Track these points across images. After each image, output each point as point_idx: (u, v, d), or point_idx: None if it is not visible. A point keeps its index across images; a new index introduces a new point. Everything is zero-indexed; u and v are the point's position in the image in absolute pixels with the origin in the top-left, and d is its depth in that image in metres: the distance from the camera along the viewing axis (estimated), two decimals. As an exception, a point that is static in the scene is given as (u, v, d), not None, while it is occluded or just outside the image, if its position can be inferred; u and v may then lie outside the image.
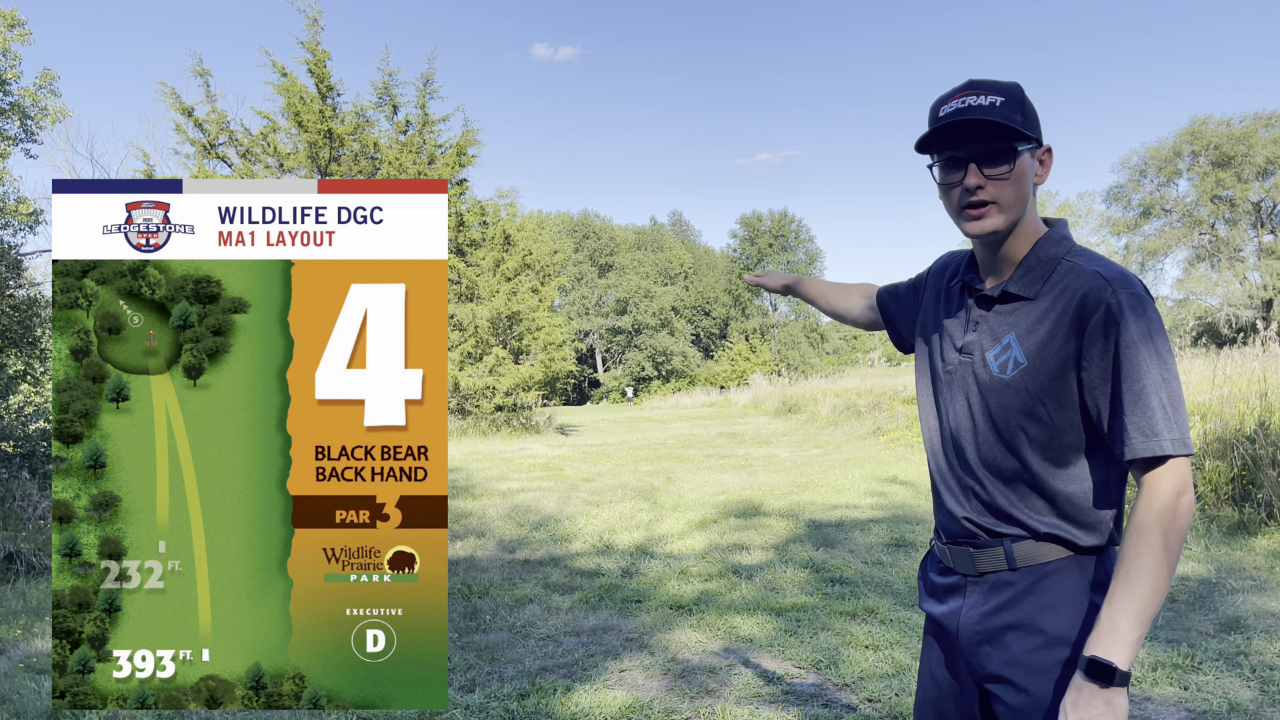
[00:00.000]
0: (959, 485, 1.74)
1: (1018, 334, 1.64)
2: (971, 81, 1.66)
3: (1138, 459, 1.51)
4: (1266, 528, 6.17)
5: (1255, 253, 52.42)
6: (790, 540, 7.22)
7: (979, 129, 1.60)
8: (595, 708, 3.88)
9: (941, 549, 1.79)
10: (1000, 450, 1.66)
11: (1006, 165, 1.60)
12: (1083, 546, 1.62)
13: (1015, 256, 1.69)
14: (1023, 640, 1.64)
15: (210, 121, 21.66)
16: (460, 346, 21.32)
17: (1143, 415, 1.50)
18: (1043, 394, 1.60)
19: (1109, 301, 1.54)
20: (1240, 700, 3.68)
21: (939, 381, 1.81)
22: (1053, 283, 1.63)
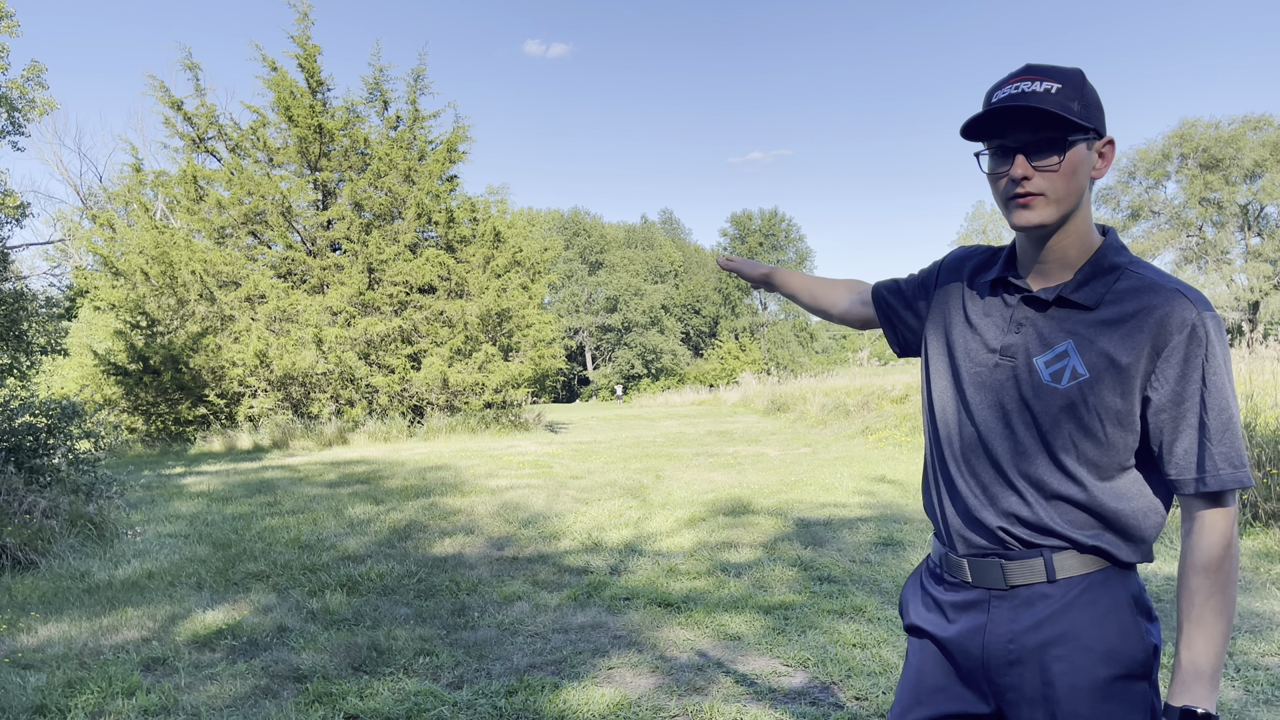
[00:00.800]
0: (986, 494, 1.62)
1: (1077, 343, 1.54)
2: (1029, 66, 1.56)
3: (1223, 489, 1.46)
4: (1252, 529, 6.21)
5: (1242, 255, 52.72)
6: (779, 539, 7.24)
7: (1030, 116, 1.51)
8: (583, 705, 3.88)
9: (956, 561, 1.66)
10: (1044, 462, 1.56)
11: (1056, 156, 1.51)
12: (1122, 561, 1.56)
13: (1066, 256, 1.59)
14: (1067, 659, 1.53)
15: (199, 115, 21.57)
16: (449, 343, 21.27)
17: (1231, 446, 1.46)
18: (1102, 409, 1.51)
19: (1194, 324, 1.46)
20: (1225, 700, 3.70)
21: (963, 382, 1.68)
22: (1119, 292, 1.54)
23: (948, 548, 1.71)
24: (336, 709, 3.91)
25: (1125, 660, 1.52)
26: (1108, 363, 1.51)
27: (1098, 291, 1.56)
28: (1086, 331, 1.54)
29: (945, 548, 1.72)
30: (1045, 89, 1.51)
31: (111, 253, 20.54)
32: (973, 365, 1.67)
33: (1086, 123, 1.52)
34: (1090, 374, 1.52)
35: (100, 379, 20.19)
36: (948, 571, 1.71)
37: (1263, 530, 6.14)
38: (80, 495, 8.11)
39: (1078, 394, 1.53)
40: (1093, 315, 1.55)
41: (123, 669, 4.46)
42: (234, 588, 6.15)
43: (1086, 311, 1.56)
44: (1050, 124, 1.51)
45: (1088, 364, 1.53)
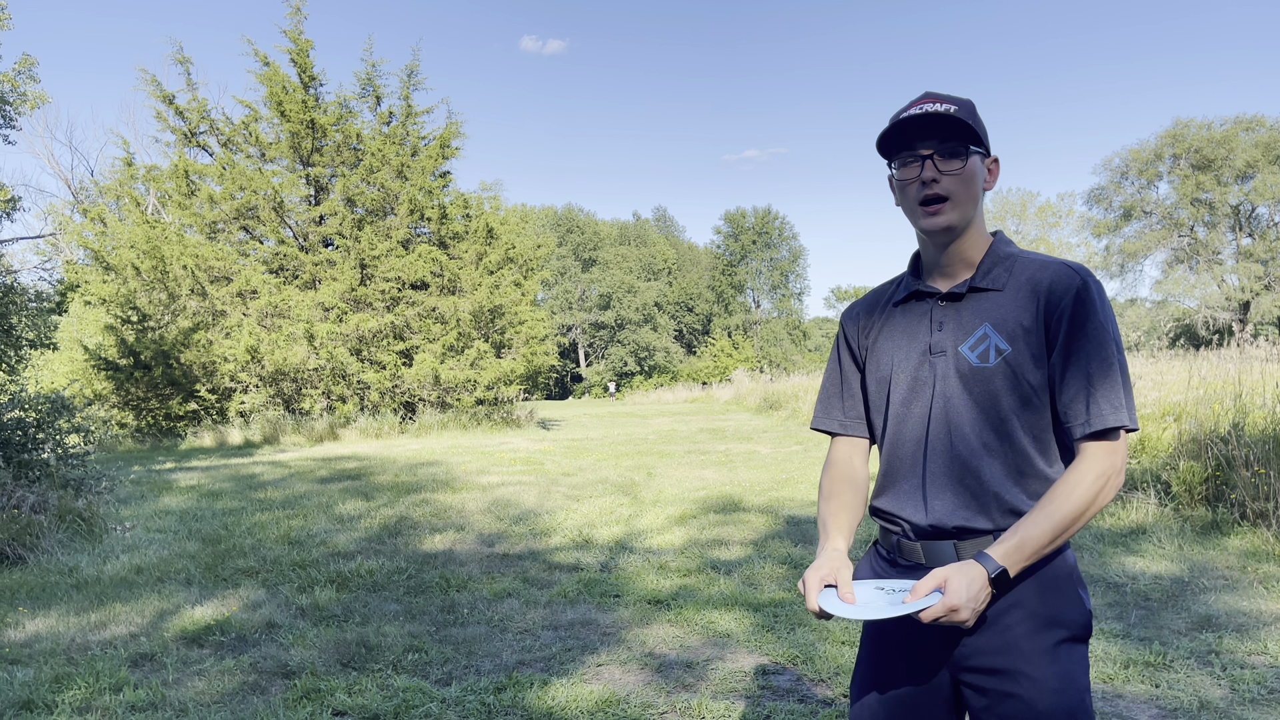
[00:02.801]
0: (942, 480, 1.74)
1: (993, 323, 1.72)
2: (929, 93, 1.78)
3: (1105, 428, 1.62)
4: (1239, 528, 6.23)
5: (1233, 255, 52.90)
6: (769, 536, 7.24)
7: (937, 127, 1.71)
8: (571, 702, 3.88)
9: (910, 546, 1.78)
10: (992, 436, 1.70)
11: (960, 161, 1.71)
12: None
13: (968, 256, 1.78)
14: (1022, 624, 1.67)
15: (191, 110, 21.49)
16: (442, 339, 21.23)
17: (1112, 389, 1.62)
18: (1028, 374, 1.68)
19: (1078, 287, 1.66)
20: (1211, 698, 3.71)
21: (902, 388, 1.81)
22: (1017, 274, 1.74)
23: (900, 535, 1.83)
24: (324, 705, 3.90)
25: (1069, 624, 1.69)
26: (1021, 330, 1.69)
27: (1001, 276, 1.75)
28: (998, 311, 1.73)
29: (898, 535, 1.83)
30: (946, 109, 1.72)
31: (102, 247, 20.45)
32: (907, 372, 1.82)
33: (982, 138, 1.75)
34: (1010, 346, 1.70)
35: (90, 374, 20.10)
36: (901, 556, 1.82)
37: (1250, 529, 6.16)
38: (69, 490, 8.08)
39: (1005, 367, 1.70)
40: (1000, 296, 1.74)
41: (110, 665, 4.45)
42: (223, 584, 6.14)
43: (995, 293, 1.75)
44: (955, 133, 1.72)
45: (1006, 338, 1.70)
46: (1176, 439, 7.16)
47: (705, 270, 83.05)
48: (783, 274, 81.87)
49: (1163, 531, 6.44)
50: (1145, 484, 7.26)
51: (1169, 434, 7.51)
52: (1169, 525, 6.58)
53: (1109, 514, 7.11)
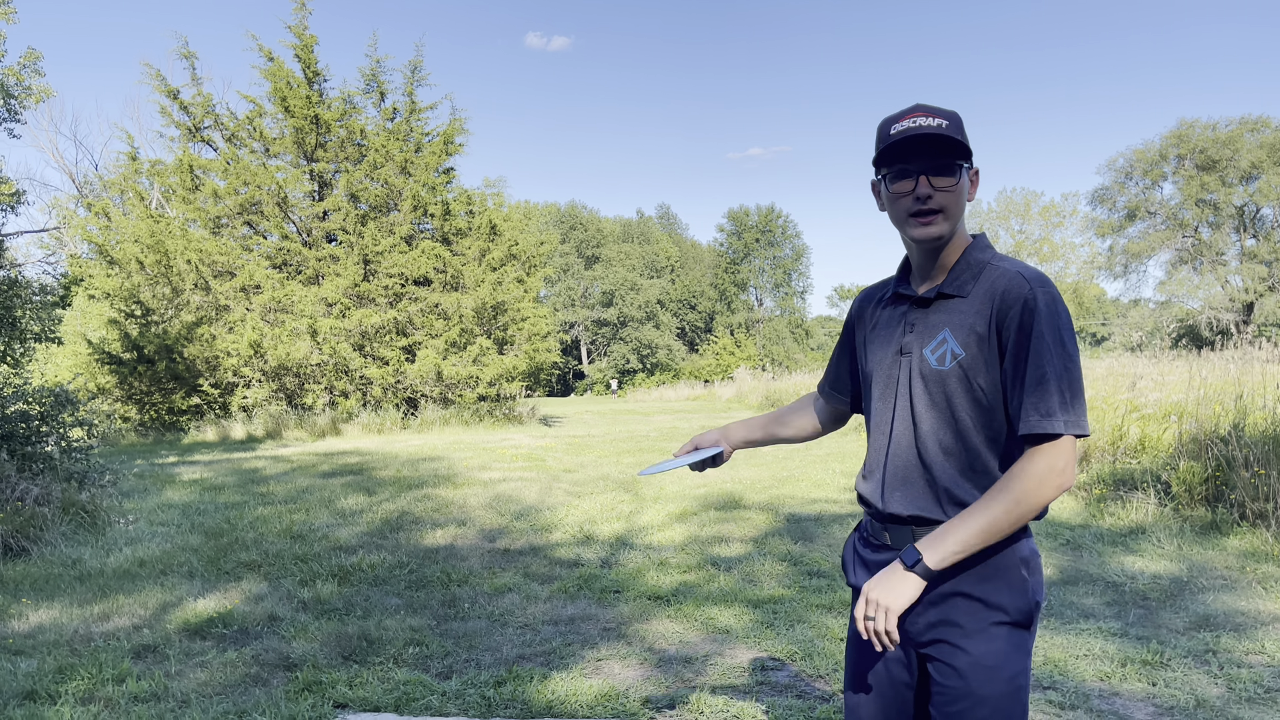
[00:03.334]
0: (904, 473, 1.89)
1: (951, 329, 1.82)
2: (919, 105, 1.84)
3: (1032, 434, 1.70)
4: (1238, 528, 6.25)
5: (1237, 256, 52.83)
6: (769, 533, 7.26)
7: (932, 144, 1.78)
8: (571, 695, 3.90)
9: (879, 528, 1.94)
10: (947, 435, 1.82)
11: (953, 178, 1.80)
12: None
13: (947, 262, 1.89)
14: (963, 605, 1.80)
15: (196, 105, 21.50)
16: (444, 335, 21.25)
17: (1041, 398, 1.70)
18: (980, 378, 1.79)
19: (1026, 297, 1.74)
20: (1207, 697, 3.73)
21: (879, 384, 1.96)
22: (981, 282, 1.83)
23: (871, 517, 1.99)
24: (326, 697, 3.93)
25: (1012, 610, 1.80)
26: (975, 337, 1.79)
27: (966, 283, 1.85)
28: (958, 317, 1.83)
29: (869, 517, 2.01)
30: (938, 124, 1.79)
31: (106, 241, 20.48)
32: (883, 370, 1.96)
33: (969, 152, 1.83)
34: (965, 351, 1.80)
35: (94, 368, 20.15)
36: (873, 536, 1.99)
37: (1249, 530, 6.18)
38: (73, 483, 8.12)
39: (959, 371, 1.81)
40: (965, 303, 1.84)
41: (113, 656, 4.47)
42: (225, 577, 6.17)
43: (959, 300, 1.85)
44: (949, 151, 1.80)
45: (962, 343, 1.81)
46: (1177, 439, 7.17)
47: (708, 268, 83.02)
48: (786, 272, 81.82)
49: (1162, 531, 6.46)
50: (1145, 484, 7.27)
51: (1169, 434, 7.52)
52: (1169, 525, 6.60)
53: (1109, 514, 7.13)
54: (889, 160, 1.84)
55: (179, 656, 4.51)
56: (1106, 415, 8.52)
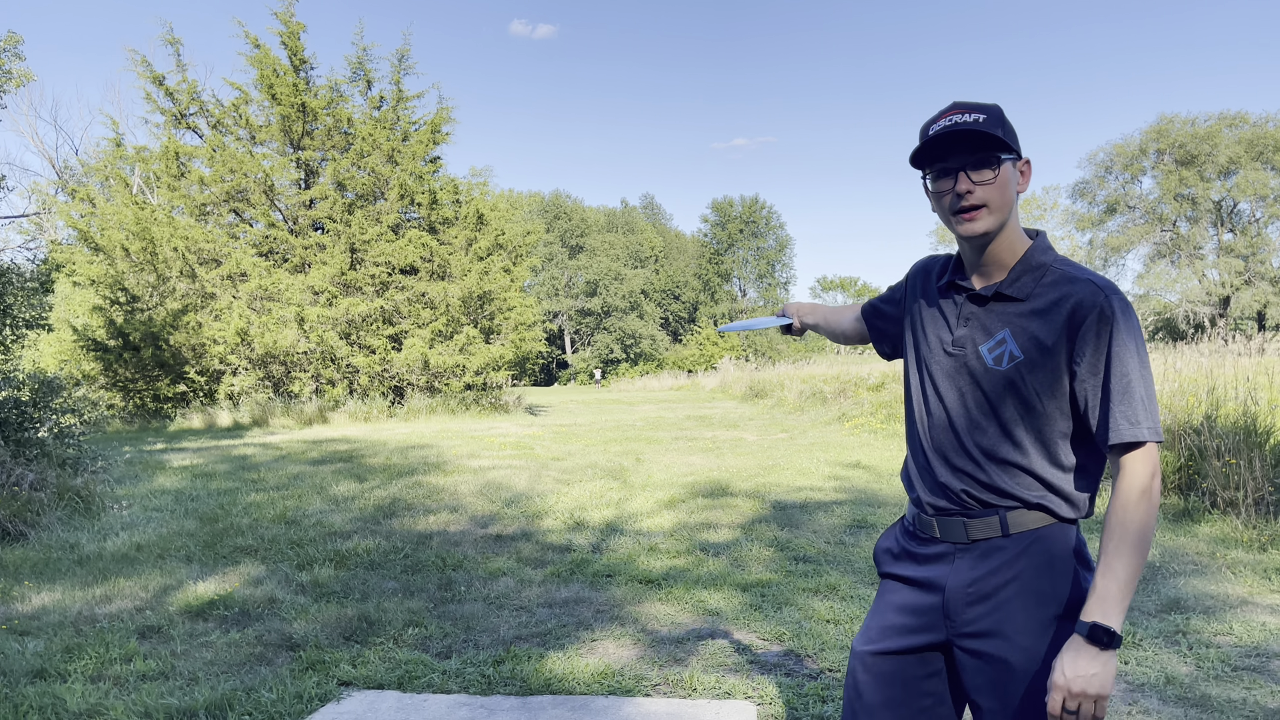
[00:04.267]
0: (952, 464, 1.89)
1: (1012, 330, 1.82)
2: (956, 103, 1.85)
3: (1122, 443, 1.71)
4: (1210, 515, 6.45)
5: (1214, 251, 53.43)
6: (756, 520, 7.42)
7: (967, 140, 1.79)
8: (569, 674, 4.04)
9: (926, 520, 1.94)
10: (996, 434, 1.83)
11: (992, 171, 1.79)
12: (1064, 517, 1.83)
13: (1003, 259, 1.86)
14: (1018, 599, 1.80)
15: (181, 91, 21.44)
16: (431, 324, 21.32)
17: (1129, 405, 1.71)
18: (1036, 384, 1.78)
19: (1103, 306, 1.73)
20: (1177, 674, 3.91)
21: (929, 372, 1.96)
22: (1044, 285, 1.81)
23: (919, 510, 1.99)
24: (330, 675, 4.05)
25: (1064, 601, 1.80)
26: (1037, 344, 1.79)
27: (1027, 285, 1.84)
28: (1020, 320, 1.82)
29: (917, 510, 2.00)
30: (975, 119, 1.79)
31: (90, 227, 20.41)
32: (933, 357, 1.96)
33: (1012, 145, 1.81)
34: (1024, 355, 1.80)
35: (79, 355, 20.11)
36: (920, 529, 1.99)
37: (1220, 517, 6.39)
38: (67, 469, 8.19)
39: (1015, 373, 1.81)
40: (1024, 305, 1.83)
41: (119, 636, 4.58)
42: (223, 561, 6.27)
43: (1019, 303, 1.84)
44: (985, 145, 1.79)
45: (1021, 347, 1.80)
46: (1152, 430, 7.38)
47: (692, 258, 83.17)
48: (769, 263, 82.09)
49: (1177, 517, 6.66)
50: (1121, 473, 7.48)
51: (1145, 425, 7.73)
52: (1143, 513, 6.80)
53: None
54: (928, 160, 1.85)
55: (183, 637, 4.62)
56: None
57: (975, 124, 1.78)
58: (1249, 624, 4.53)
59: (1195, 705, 3.59)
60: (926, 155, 1.84)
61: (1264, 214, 51.63)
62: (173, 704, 3.70)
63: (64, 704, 3.71)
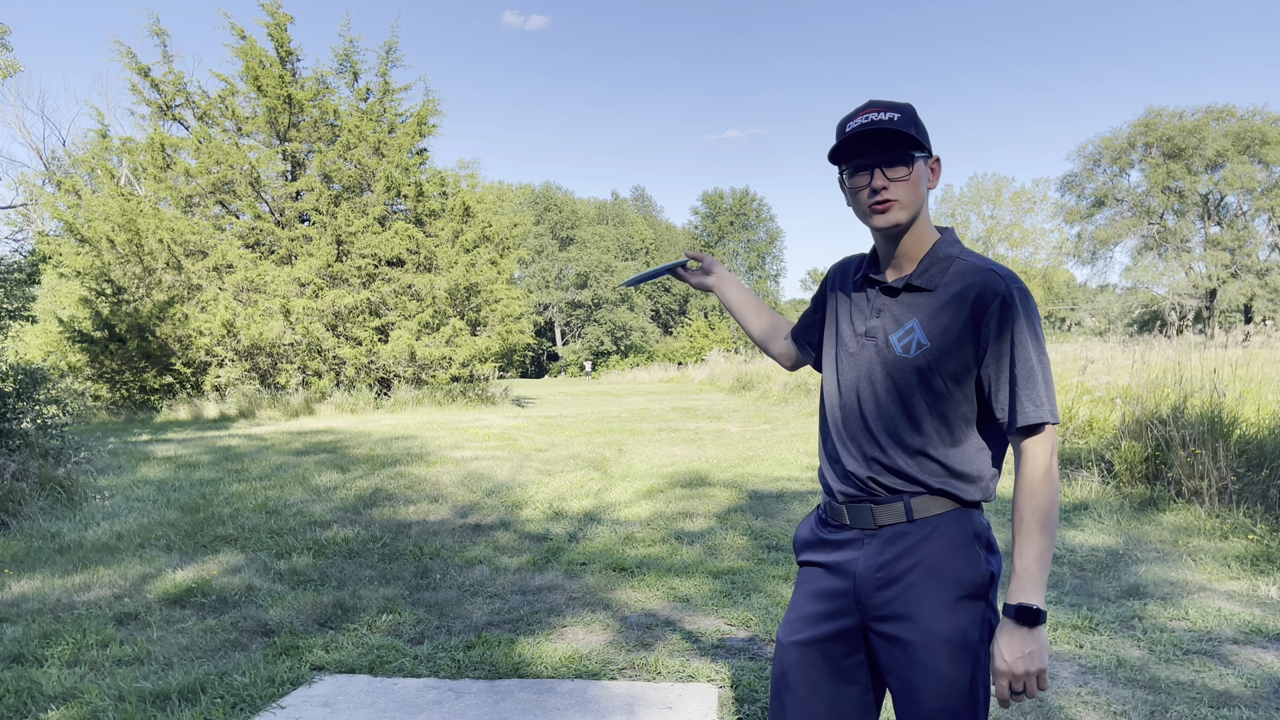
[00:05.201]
0: (860, 452, 1.96)
1: (920, 319, 1.90)
2: (872, 101, 1.92)
3: (1028, 424, 1.81)
4: (1174, 504, 6.57)
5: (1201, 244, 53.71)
6: (732, 509, 7.52)
7: (882, 138, 1.86)
8: (537, 658, 4.13)
9: (837, 508, 2.01)
10: (903, 421, 1.90)
11: (906, 168, 1.87)
12: (966, 501, 1.91)
13: (914, 253, 1.95)
14: (923, 582, 1.87)
15: (167, 83, 21.39)
16: (418, 316, 21.35)
17: (1032, 389, 1.80)
18: (943, 370, 1.86)
19: (1004, 294, 1.82)
20: (1128, 658, 4.02)
21: (842, 362, 2.03)
22: (951, 276, 1.90)
23: (830, 497, 2.05)
24: (303, 660, 4.13)
25: (968, 584, 1.88)
26: (943, 331, 1.87)
27: (935, 276, 1.92)
28: (927, 310, 1.90)
29: (829, 498, 2.06)
30: (889, 117, 1.86)
31: (76, 219, 20.39)
32: (846, 348, 2.03)
33: (924, 143, 1.88)
34: (931, 342, 1.88)
35: (65, 346, 20.09)
36: (831, 517, 2.05)
37: (1184, 506, 6.50)
38: (49, 459, 8.23)
39: (923, 360, 1.88)
40: (932, 295, 1.91)
41: (96, 622, 4.65)
42: (202, 549, 6.34)
43: (927, 293, 1.91)
44: (899, 143, 1.86)
45: (929, 335, 1.88)
46: (1121, 420, 7.49)
47: (683, 250, 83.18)
48: (760, 255, 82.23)
49: (1103, 508, 6.77)
50: (1090, 463, 7.60)
51: (1114, 416, 7.85)
52: (1110, 502, 6.92)
53: (1056, 491, 7.45)
54: (845, 156, 1.91)
55: (160, 623, 4.69)
56: (1058, 398, 8.84)
57: (890, 123, 1.85)
58: (1204, 610, 4.64)
59: (1144, 687, 3.70)
60: (843, 152, 1.91)
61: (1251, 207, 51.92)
62: (146, 687, 3.77)
63: (40, 687, 3.79)
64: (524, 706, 3.61)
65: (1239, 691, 3.63)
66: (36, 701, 3.67)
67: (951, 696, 1.86)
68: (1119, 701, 3.55)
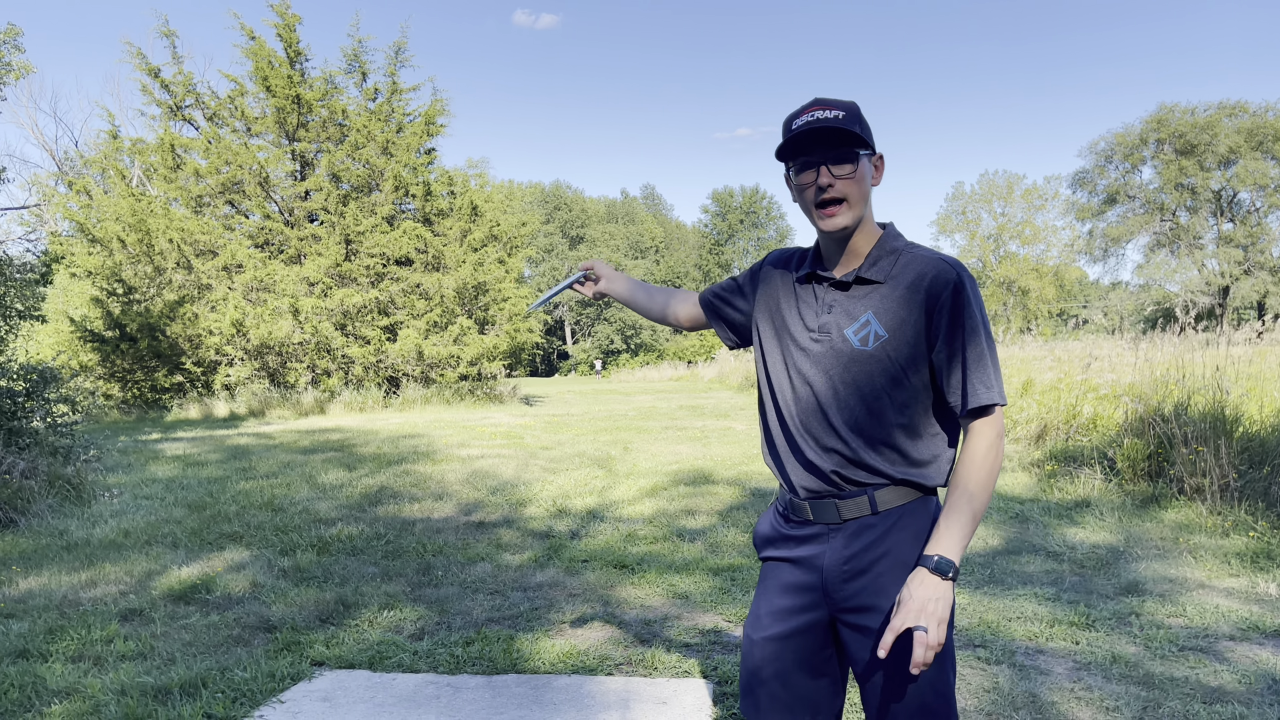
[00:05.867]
0: (820, 447, 1.97)
1: (875, 311, 1.93)
2: (818, 99, 1.95)
3: (979, 406, 1.86)
4: (1176, 501, 6.57)
5: (1214, 240, 53.46)
6: (735, 506, 7.55)
7: (828, 136, 1.88)
8: (535, 654, 4.17)
9: (799, 504, 2.03)
10: (864, 413, 1.92)
11: (851, 166, 1.89)
12: (928, 488, 1.97)
13: (860, 249, 1.98)
14: (890, 572, 1.91)
15: (177, 83, 21.52)
16: (426, 315, 21.43)
17: (983, 372, 1.87)
18: (902, 359, 1.90)
19: (954, 281, 1.88)
20: (1124, 654, 4.02)
21: (792, 359, 2.03)
22: (901, 267, 1.94)
23: (792, 494, 2.06)
24: (304, 656, 4.18)
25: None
26: (899, 321, 1.91)
27: (885, 268, 1.96)
28: (881, 302, 1.93)
29: (790, 494, 2.07)
30: (835, 115, 1.89)
31: (88, 219, 20.54)
32: (797, 344, 2.04)
33: (868, 141, 1.92)
34: (888, 333, 1.91)
35: (77, 345, 20.25)
36: (793, 513, 2.07)
37: (1186, 503, 6.50)
38: (59, 458, 8.31)
39: (881, 352, 1.92)
40: (884, 287, 1.94)
41: (101, 619, 4.71)
42: (208, 547, 6.40)
43: (879, 285, 1.95)
44: (845, 141, 1.89)
45: (886, 326, 1.92)
46: (1125, 418, 7.49)
47: (692, 249, 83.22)
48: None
49: (1105, 505, 6.77)
50: (1093, 460, 7.59)
51: (1118, 413, 7.84)
52: (1111, 499, 6.92)
53: (1058, 489, 7.44)
54: (792, 153, 1.93)
55: (164, 619, 4.75)
56: (1063, 395, 8.84)
57: (836, 120, 1.87)
58: (1202, 606, 4.64)
59: (1138, 683, 3.71)
60: (790, 149, 1.93)
61: (1264, 203, 51.64)
62: (148, 682, 3.82)
63: (44, 682, 3.84)
64: (520, 701, 3.64)
65: (1233, 688, 3.64)
66: (40, 696, 3.72)
67: (923, 681, 1.89)
68: (1112, 697, 3.56)
